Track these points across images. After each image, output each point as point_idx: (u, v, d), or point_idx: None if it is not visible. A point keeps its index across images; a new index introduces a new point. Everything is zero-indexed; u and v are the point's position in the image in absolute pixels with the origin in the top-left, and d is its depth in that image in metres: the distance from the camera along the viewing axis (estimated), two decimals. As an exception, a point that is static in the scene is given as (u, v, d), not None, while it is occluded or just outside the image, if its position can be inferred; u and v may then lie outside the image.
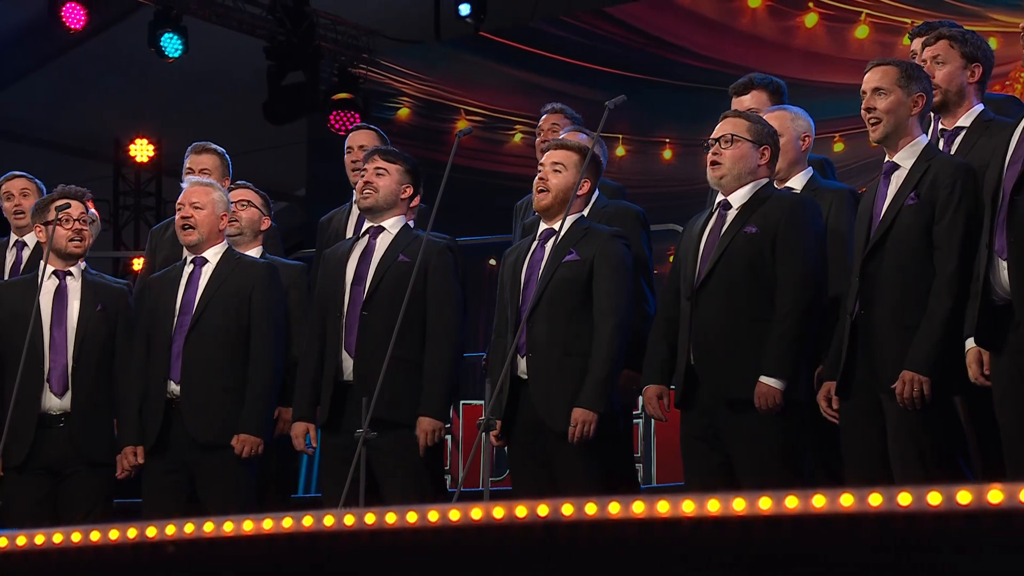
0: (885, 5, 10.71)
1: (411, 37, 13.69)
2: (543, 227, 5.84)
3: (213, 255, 6.24)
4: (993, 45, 9.29)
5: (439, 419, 5.88)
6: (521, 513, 2.48)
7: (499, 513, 2.45)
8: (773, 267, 5.28)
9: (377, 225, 6.13)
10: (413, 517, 2.45)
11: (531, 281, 5.72)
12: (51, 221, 6.29)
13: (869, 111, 5.10)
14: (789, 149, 5.63)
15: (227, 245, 6.31)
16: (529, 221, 6.16)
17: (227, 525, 2.38)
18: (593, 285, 5.68)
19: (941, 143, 5.26)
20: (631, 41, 12.20)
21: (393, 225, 6.12)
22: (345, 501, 5.44)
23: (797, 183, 5.66)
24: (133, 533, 2.41)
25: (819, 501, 2.47)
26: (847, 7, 11.03)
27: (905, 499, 2.41)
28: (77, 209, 6.36)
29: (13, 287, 6.46)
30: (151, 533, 2.41)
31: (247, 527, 2.40)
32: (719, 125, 5.45)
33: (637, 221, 6.19)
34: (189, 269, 6.24)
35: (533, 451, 5.69)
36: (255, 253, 6.53)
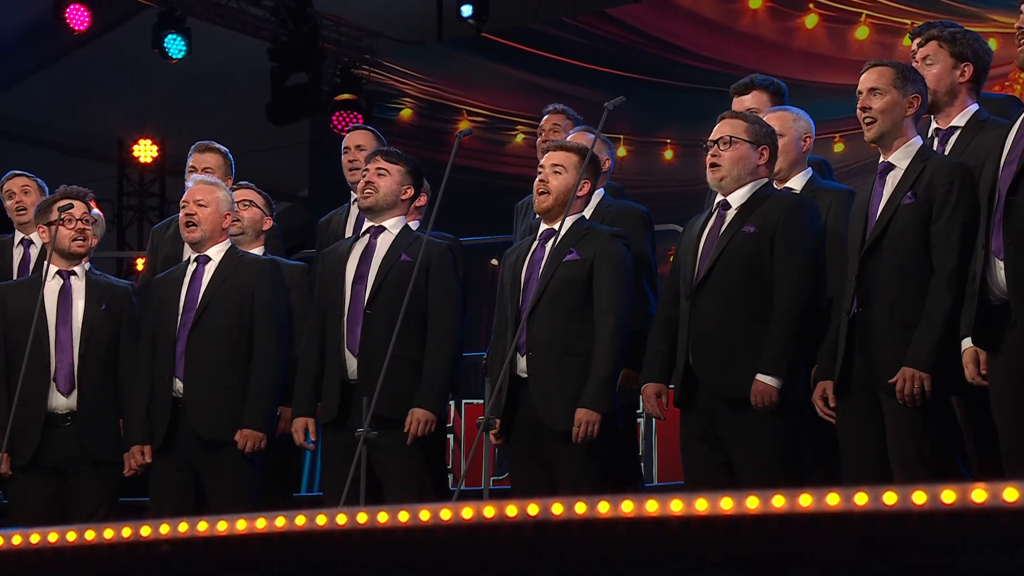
0: (885, 6, 10.70)
1: (413, 38, 13.70)
2: (543, 227, 5.86)
3: (216, 253, 6.27)
4: (993, 46, 9.30)
5: (432, 411, 5.87)
6: (511, 512, 2.50)
7: (490, 512, 2.47)
8: (771, 267, 5.29)
9: (378, 225, 6.15)
10: (404, 516, 2.47)
11: (531, 281, 5.73)
12: (54, 221, 6.32)
13: (865, 111, 5.12)
14: (790, 149, 5.65)
15: (230, 243, 6.34)
16: (535, 223, 6.17)
17: (221, 524, 2.40)
18: (593, 285, 5.69)
19: (936, 143, 5.27)
20: (632, 42, 12.19)
21: (394, 225, 6.14)
22: (346, 500, 5.44)
23: (796, 183, 5.67)
24: (128, 532, 2.43)
25: (805, 500, 2.47)
26: (847, 8, 11.02)
27: (890, 498, 2.42)
28: (80, 209, 6.39)
29: (18, 287, 6.49)
30: (146, 532, 2.42)
31: (240, 526, 2.42)
32: (717, 126, 5.46)
33: (641, 221, 6.21)
34: (192, 267, 6.27)
35: (532, 450, 5.71)
36: (256, 253, 6.55)
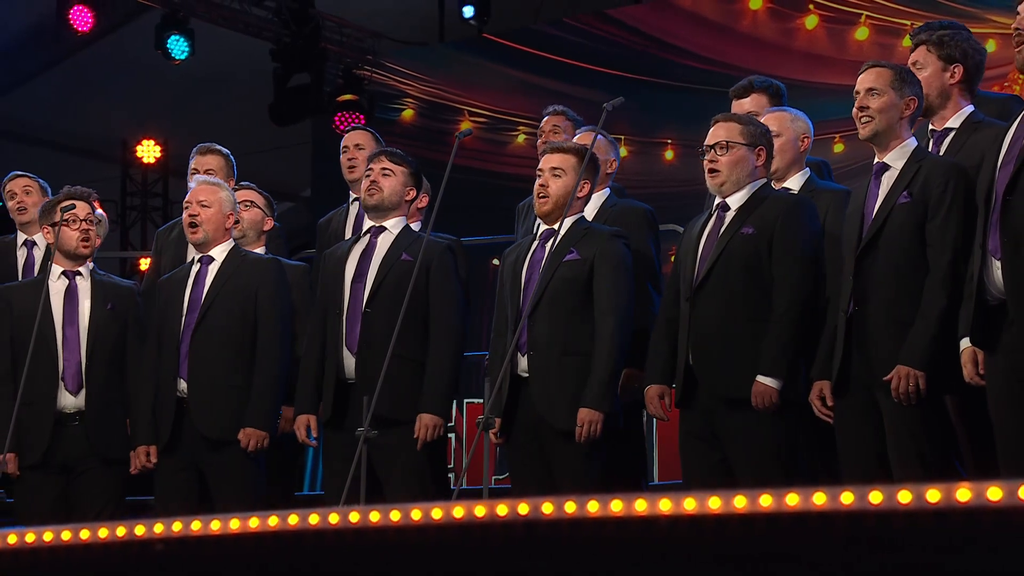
0: (885, 7, 10.70)
1: (415, 39, 13.69)
2: (543, 227, 5.88)
3: (219, 253, 6.30)
4: (992, 47, 9.32)
5: (440, 415, 5.91)
6: (502, 512, 2.52)
7: (480, 512, 2.49)
8: (770, 267, 5.31)
9: (379, 225, 6.17)
10: (396, 516, 2.49)
11: (531, 281, 5.75)
12: (57, 222, 6.35)
13: (862, 110, 5.14)
14: (788, 149, 5.67)
15: (233, 243, 6.36)
16: (535, 224, 6.17)
17: (214, 524, 2.42)
18: (593, 285, 5.71)
19: (931, 144, 5.30)
20: (633, 43, 12.18)
21: (394, 225, 6.16)
22: (346, 499, 5.45)
23: (794, 184, 5.69)
24: (123, 531, 2.45)
25: (792, 500, 2.49)
26: (847, 9, 11.01)
27: (876, 497, 2.44)
28: (83, 209, 6.42)
29: (24, 288, 6.51)
30: (140, 531, 2.45)
31: (234, 525, 2.44)
32: (712, 131, 5.47)
33: (644, 220, 6.23)
34: (196, 268, 6.30)
35: (532, 450, 5.72)
36: (259, 253, 6.58)
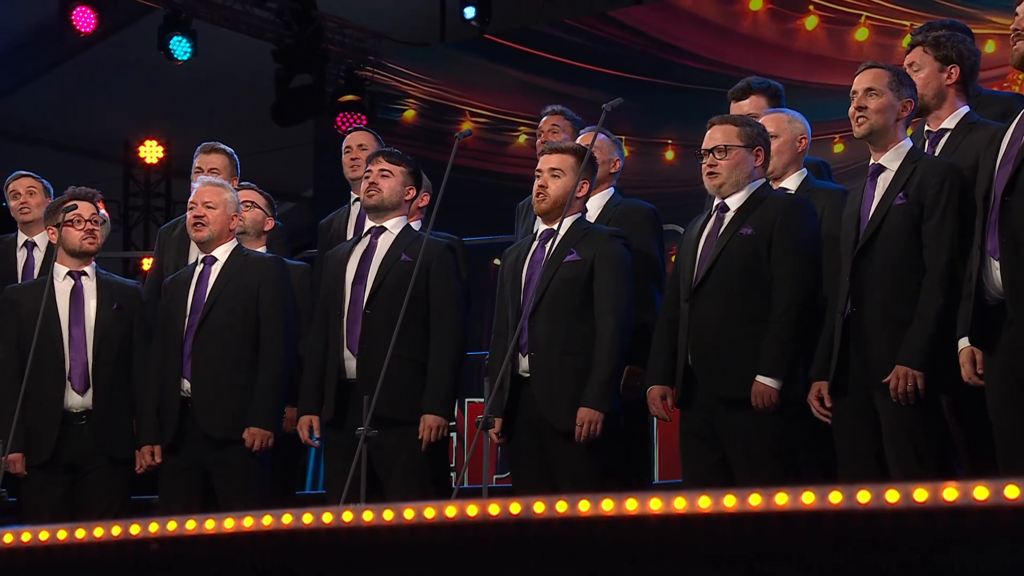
0: (884, 8, 10.70)
1: (417, 40, 13.70)
2: (542, 227, 5.88)
3: (222, 253, 6.32)
4: (991, 48, 9.33)
5: (443, 416, 5.93)
6: (494, 511, 2.53)
7: (472, 511, 2.51)
8: (769, 268, 5.33)
9: (379, 225, 6.19)
10: (389, 515, 2.50)
11: (532, 281, 5.75)
12: (63, 223, 6.37)
13: (860, 110, 5.15)
14: (786, 150, 5.68)
15: (236, 243, 6.38)
16: (534, 224, 6.18)
17: (209, 523, 2.43)
18: (593, 285, 5.72)
19: (926, 144, 5.31)
20: (633, 43, 12.19)
21: (395, 225, 6.17)
22: (346, 498, 5.47)
23: (791, 184, 5.70)
24: (117, 531, 2.47)
25: (781, 499, 2.50)
26: (847, 10, 11.01)
27: (864, 497, 2.45)
28: (88, 210, 6.44)
29: (30, 289, 6.52)
30: (135, 531, 2.46)
31: (228, 525, 2.45)
32: (709, 133, 5.48)
33: (648, 219, 6.22)
34: (200, 268, 6.32)
35: (533, 449, 5.73)
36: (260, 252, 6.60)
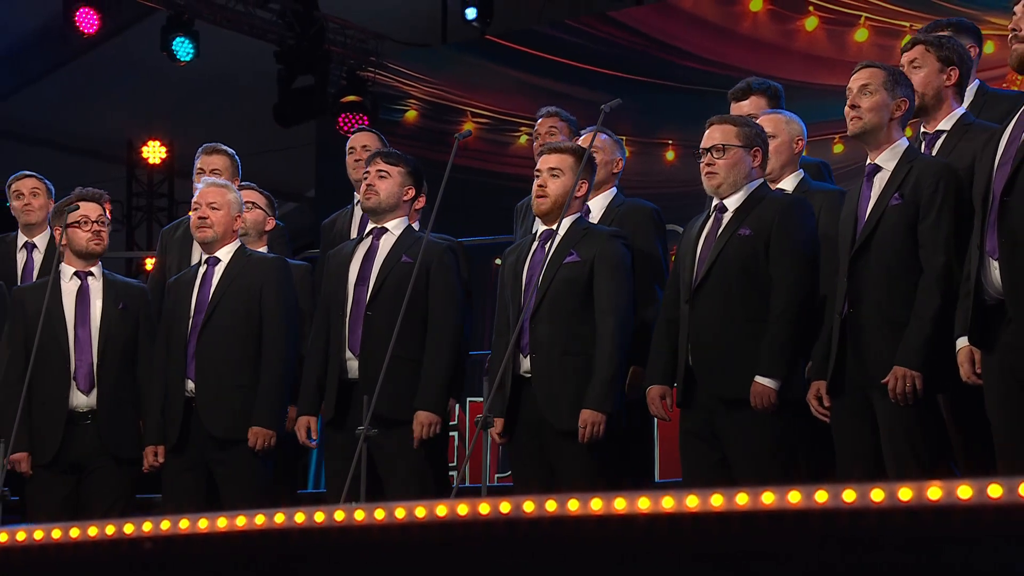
0: (884, 9, 10.70)
1: (418, 41, 13.70)
2: (542, 228, 5.89)
3: (225, 254, 6.34)
4: (990, 48, 9.32)
5: (435, 413, 5.93)
6: (484, 510, 2.55)
7: (463, 510, 2.53)
8: (767, 268, 5.34)
9: (380, 226, 6.20)
10: (381, 514, 2.52)
11: (532, 282, 5.75)
12: (70, 223, 6.40)
13: (853, 108, 5.17)
14: (783, 151, 5.70)
15: (240, 244, 6.40)
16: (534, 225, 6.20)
17: (202, 522, 2.45)
18: (594, 285, 5.73)
19: (923, 146, 5.32)
20: (634, 44, 12.19)
21: (396, 226, 6.18)
22: (346, 498, 5.47)
23: (788, 185, 5.71)
24: (112, 530, 2.49)
25: (768, 498, 2.51)
26: (847, 11, 11.01)
27: (849, 496, 2.47)
28: (95, 211, 6.46)
29: (36, 289, 6.52)
30: (129, 530, 2.48)
31: (221, 524, 2.47)
32: (707, 133, 5.49)
33: (650, 219, 6.22)
34: (203, 269, 6.34)
35: (533, 449, 5.74)
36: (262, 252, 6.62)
